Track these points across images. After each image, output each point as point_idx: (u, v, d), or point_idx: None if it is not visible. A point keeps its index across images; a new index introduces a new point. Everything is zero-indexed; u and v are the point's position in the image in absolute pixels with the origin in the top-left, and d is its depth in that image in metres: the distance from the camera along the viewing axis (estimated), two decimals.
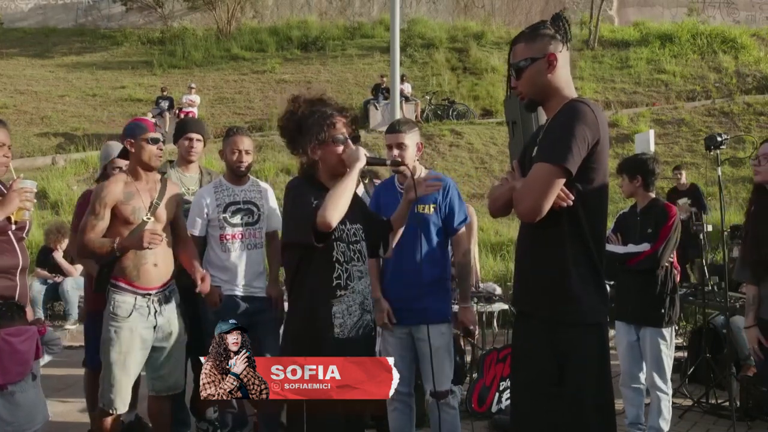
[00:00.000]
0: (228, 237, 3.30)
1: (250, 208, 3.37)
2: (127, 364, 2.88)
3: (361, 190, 4.60)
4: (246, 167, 3.39)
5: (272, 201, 3.53)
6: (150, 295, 2.92)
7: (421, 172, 3.09)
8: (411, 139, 3.01)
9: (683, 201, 7.66)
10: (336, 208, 2.13)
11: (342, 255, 2.25)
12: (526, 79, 1.99)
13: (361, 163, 2.22)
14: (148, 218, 2.90)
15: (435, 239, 3.03)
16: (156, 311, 2.94)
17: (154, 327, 2.95)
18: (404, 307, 2.99)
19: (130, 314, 2.87)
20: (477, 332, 5.19)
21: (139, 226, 2.89)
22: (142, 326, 2.90)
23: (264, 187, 3.51)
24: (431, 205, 3.02)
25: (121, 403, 2.90)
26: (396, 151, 2.97)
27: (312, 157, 2.28)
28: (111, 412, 2.90)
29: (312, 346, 2.11)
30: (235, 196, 3.36)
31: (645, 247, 3.54)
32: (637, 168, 3.63)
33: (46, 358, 2.62)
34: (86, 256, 3.03)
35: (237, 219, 3.32)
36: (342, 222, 2.24)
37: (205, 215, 3.30)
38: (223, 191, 3.36)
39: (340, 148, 2.27)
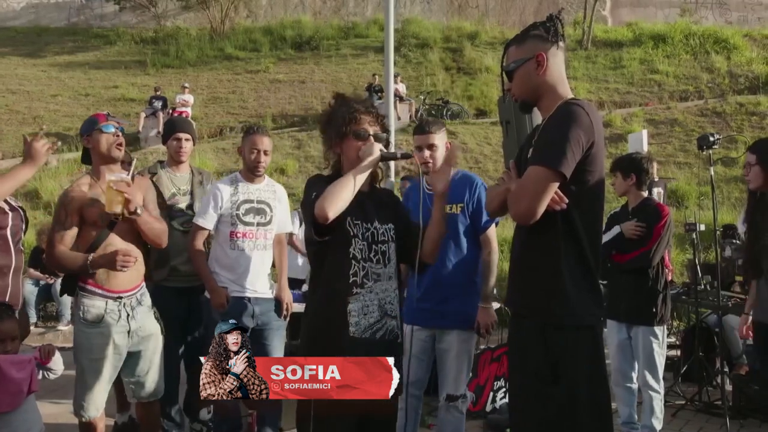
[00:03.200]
0: (239, 235, 3.25)
1: (263, 208, 3.33)
2: (101, 370, 2.76)
3: None
4: (264, 167, 3.34)
5: (285, 203, 3.49)
6: (121, 298, 2.78)
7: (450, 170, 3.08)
8: (441, 139, 2.98)
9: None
10: (334, 200, 2.05)
11: (360, 252, 2.17)
12: (518, 81, 2.00)
13: (374, 158, 2.16)
14: (117, 219, 2.73)
15: (463, 239, 2.97)
16: (128, 315, 2.80)
17: (128, 331, 2.81)
18: (430, 308, 2.93)
19: (102, 319, 2.73)
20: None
21: (108, 228, 2.75)
22: (115, 331, 2.76)
23: (278, 188, 3.47)
24: (458, 205, 2.97)
25: (94, 410, 2.80)
26: (427, 153, 2.93)
27: (335, 151, 2.27)
28: (84, 419, 2.80)
29: (327, 343, 2.08)
30: (250, 194, 3.32)
31: (616, 230, 3.62)
32: (632, 166, 3.66)
33: (39, 377, 2.57)
34: (57, 269, 2.87)
35: (250, 218, 3.28)
36: (364, 219, 2.19)
37: (219, 209, 3.25)
38: (238, 188, 3.31)
39: (361, 143, 2.22)
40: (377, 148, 2.18)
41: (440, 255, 2.89)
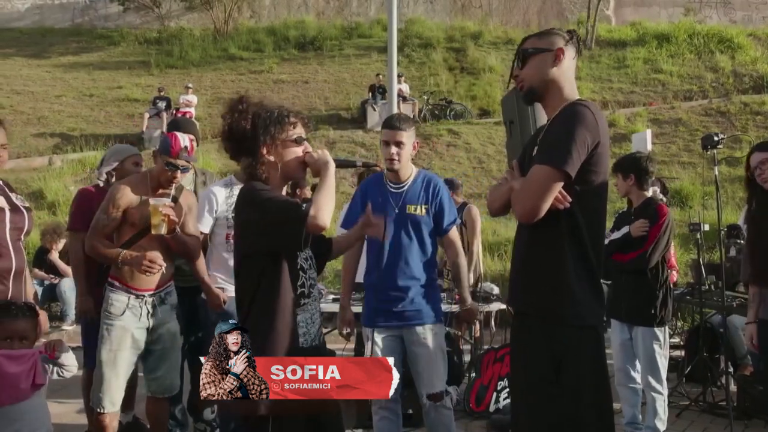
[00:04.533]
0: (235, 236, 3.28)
1: None
2: (117, 363, 2.89)
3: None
4: None
5: None
6: (144, 296, 2.93)
7: (413, 171, 3.05)
8: (409, 138, 2.95)
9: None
10: (328, 210, 2.03)
11: (304, 262, 2.18)
12: (530, 67, 1.99)
13: (332, 166, 2.10)
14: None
15: (428, 241, 2.98)
16: (149, 313, 2.94)
17: (147, 328, 2.95)
18: (397, 310, 2.93)
19: (123, 313, 2.89)
20: (476, 329, 5.20)
21: (142, 233, 2.90)
22: (135, 326, 2.91)
23: None
24: (423, 206, 2.97)
25: (110, 403, 2.89)
26: (394, 149, 2.91)
27: (266, 158, 2.12)
28: (99, 410, 2.89)
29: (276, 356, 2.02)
30: None
31: (625, 229, 3.60)
32: (631, 167, 3.65)
33: (54, 377, 2.59)
34: (91, 255, 3.03)
35: None
36: None
37: (214, 212, 3.27)
38: (233, 190, 3.32)
39: (300, 149, 2.15)
40: (330, 157, 2.13)
41: (405, 257, 2.94)
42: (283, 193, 2.23)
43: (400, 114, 3.09)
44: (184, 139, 2.93)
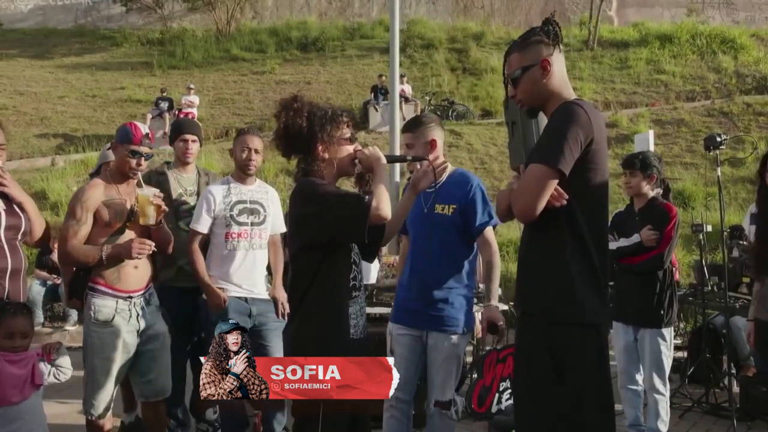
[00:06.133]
0: (234, 235, 3.29)
1: (257, 208, 3.36)
2: (111, 369, 2.79)
3: None
4: (255, 166, 3.37)
5: (277, 204, 3.52)
6: (131, 298, 2.84)
7: (447, 170, 2.93)
8: (417, 138, 2.86)
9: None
10: (388, 202, 2.11)
11: (356, 256, 2.26)
12: (523, 88, 2.01)
13: (383, 161, 2.19)
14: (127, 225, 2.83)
15: (454, 241, 2.86)
16: (138, 314, 2.85)
17: (138, 331, 2.86)
18: (417, 310, 2.86)
19: (113, 318, 2.77)
20: (478, 329, 5.17)
21: (119, 231, 2.82)
22: (126, 330, 2.80)
23: (270, 190, 3.52)
24: (451, 206, 2.86)
25: (104, 409, 2.82)
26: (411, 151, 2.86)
27: (322, 156, 2.20)
28: (90, 417, 2.84)
29: (328, 348, 2.06)
30: (243, 195, 3.35)
31: (636, 238, 3.52)
32: (653, 165, 3.60)
33: (50, 379, 2.59)
34: (70, 264, 2.86)
35: (244, 218, 3.31)
36: None
37: (212, 212, 3.29)
38: (231, 189, 3.35)
39: (351, 147, 2.25)
40: (379, 151, 2.21)
41: (428, 257, 2.82)
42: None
43: (420, 114, 3.06)
44: (144, 127, 2.90)
